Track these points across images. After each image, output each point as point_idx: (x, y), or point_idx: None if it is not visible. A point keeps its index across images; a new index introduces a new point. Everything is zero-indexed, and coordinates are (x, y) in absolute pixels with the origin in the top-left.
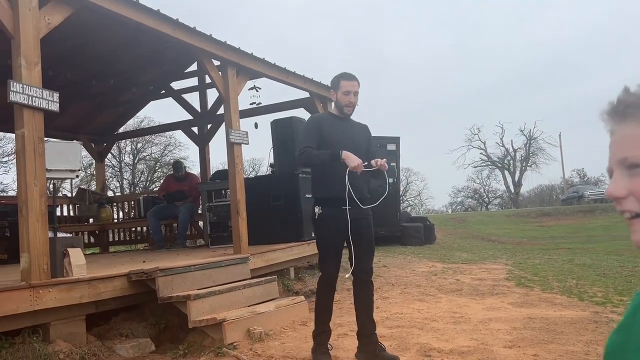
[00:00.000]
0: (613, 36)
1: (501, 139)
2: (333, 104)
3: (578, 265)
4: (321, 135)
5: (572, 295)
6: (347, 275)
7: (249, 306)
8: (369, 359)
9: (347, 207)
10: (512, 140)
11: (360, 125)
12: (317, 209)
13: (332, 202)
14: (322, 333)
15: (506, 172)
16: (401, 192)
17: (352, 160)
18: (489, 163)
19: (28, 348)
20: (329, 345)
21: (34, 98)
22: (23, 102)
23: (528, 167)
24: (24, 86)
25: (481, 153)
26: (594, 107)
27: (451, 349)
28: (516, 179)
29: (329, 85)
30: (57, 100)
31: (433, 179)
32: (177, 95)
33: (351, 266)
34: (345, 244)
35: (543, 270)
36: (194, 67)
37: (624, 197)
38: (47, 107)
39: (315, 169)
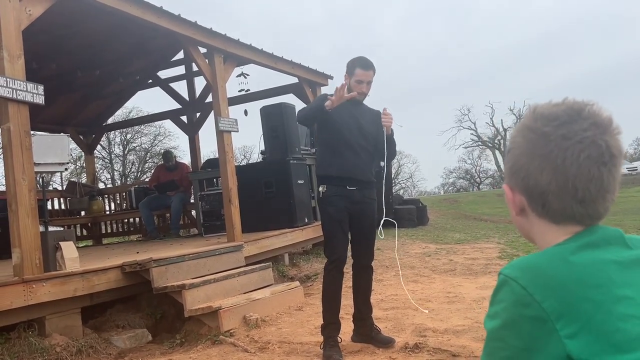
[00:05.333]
0: (604, 14)
1: (491, 118)
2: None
3: None
4: (328, 113)
5: None
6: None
7: (245, 293)
8: (365, 342)
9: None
10: (502, 120)
11: (372, 111)
12: (321, 188)
13: (337, 181)
14: (330, 325)
15: (497, 152)
16: (393, 175)
17: (334, 99)
18: (480, 143)
19: (24, 343)
20: (338, 338)
21: (18, 91)
22: (7, 95)
23: None
24: (8, 79)
25: (472, 133)
26: (582, 85)
27: (446, 328)
28: None
29: (323, 72)
30: (42, 93)
31: (424, 160)
32: (165, 85)
33: (352, 251)
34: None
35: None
36: (180, 55)
37: None
38: (32, 100)
39: (320, 148)
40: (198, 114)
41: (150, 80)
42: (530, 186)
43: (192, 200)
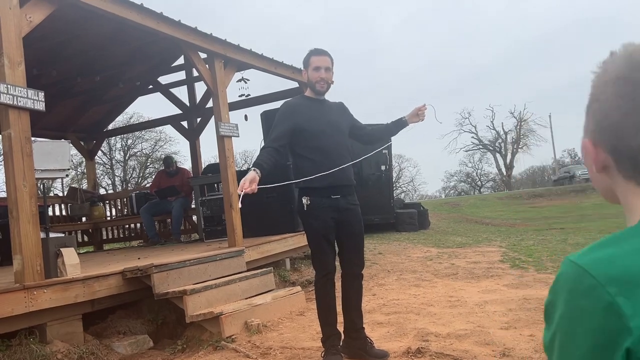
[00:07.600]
0: (603, 16)
1: (492, 122)
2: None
3: (571, 245)
4: (298, 124)
5: None
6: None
7: (246, 298)
8: (358, 355)
9: (337, 196)
10: (502, 123)
11: (337, 105)
12: (305, 200)
13: (321, 192)
14: (331, 337)
15: (498, 155)
16: (394, 179)
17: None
18: (481, 146)
19: (25, 350)
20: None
21: (18, 98)
22: (8, 102)
23: (519, 149)
24: (8, 86)
25: (472, 137)
26: (583, 87)
27: (448, 332)
28: (508, 161)
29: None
30: (43, 100)
31: (425, 164)
32: (165, 90)
33: (340, 260)
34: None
35: (537, 251)
36: (180, 60)
37: None
38: (32, 107)
39: (300, 160)
40: (199, 119)
41: (151, 86)
42: (622, 146)
43: (193, 206)
